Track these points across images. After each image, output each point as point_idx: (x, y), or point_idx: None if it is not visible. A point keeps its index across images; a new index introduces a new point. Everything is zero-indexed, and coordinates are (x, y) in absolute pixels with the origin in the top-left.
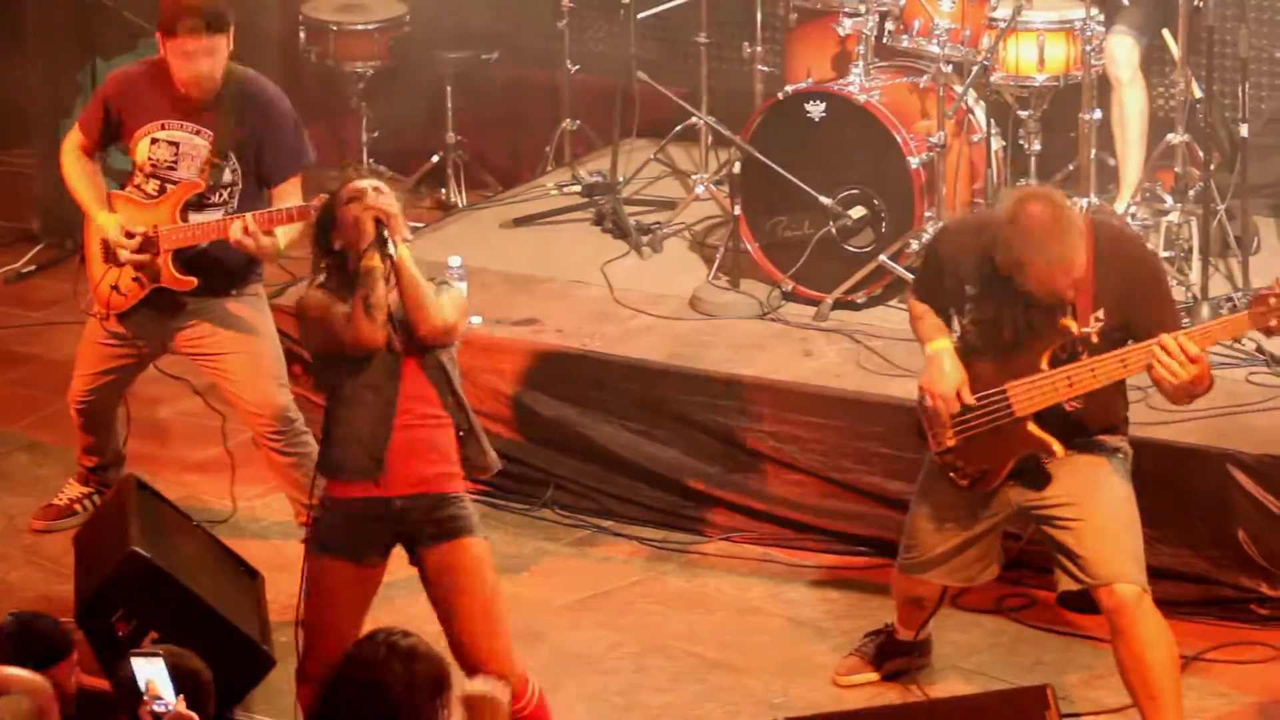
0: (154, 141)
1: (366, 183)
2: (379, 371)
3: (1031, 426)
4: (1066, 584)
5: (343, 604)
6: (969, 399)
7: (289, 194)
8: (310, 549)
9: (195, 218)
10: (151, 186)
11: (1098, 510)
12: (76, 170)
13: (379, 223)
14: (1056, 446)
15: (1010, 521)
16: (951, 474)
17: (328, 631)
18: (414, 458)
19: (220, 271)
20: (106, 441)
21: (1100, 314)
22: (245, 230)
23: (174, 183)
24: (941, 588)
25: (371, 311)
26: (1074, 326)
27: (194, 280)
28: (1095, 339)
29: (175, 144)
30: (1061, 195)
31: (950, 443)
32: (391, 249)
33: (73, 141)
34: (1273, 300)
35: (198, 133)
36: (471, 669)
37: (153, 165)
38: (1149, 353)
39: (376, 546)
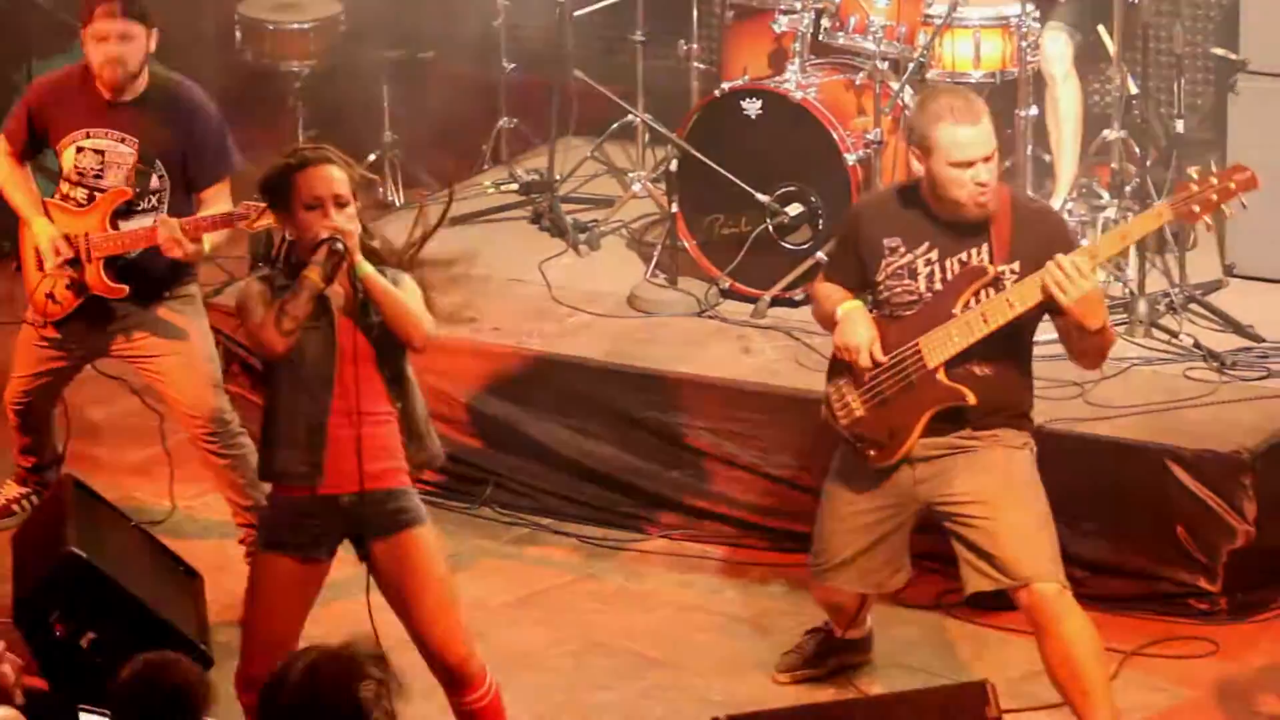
0: (79, 150)
1: (335, 175)
2: (317, 371)
3: (941, 376)
4: (978, 584)
5: (286, 603)
6: (879, 356)
7: (216, 199)
8: (255, 547)
9: (125, 224)
10: (80, 194)
11: (1009, 508)
12: (9, 178)
13: (332, 247)
14: (970, 396)
15: (917, 520)
16: (859, 444)
17: (269, 631)
18: (357, 456)
19: (151, 278)
20: (44, 442)
21: (1015, 266)
22: (171, 238)
23: (102, 190)
24: (857, 594)
25: (282, 322)
26: (991, 269)
27: (125, 288)
28: (1008, 285)
29: (101, 152)
30: None
31: (859, 413)
32: (343, 272)
33: (1, 150)
34: (1194, 187)
35: (123, 140)
36: (430, 656)
37: (79, 173)
38: (1052, 271)
39: (323, 543)
